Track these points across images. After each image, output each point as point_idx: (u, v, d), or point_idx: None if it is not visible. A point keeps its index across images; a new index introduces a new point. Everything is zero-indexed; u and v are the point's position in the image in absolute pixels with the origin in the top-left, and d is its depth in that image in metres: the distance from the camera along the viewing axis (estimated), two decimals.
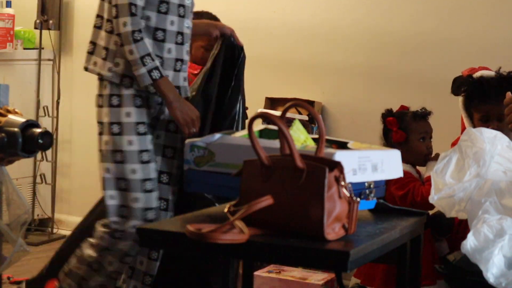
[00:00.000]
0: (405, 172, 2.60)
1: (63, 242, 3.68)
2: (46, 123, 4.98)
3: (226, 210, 2.00)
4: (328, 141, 2.31)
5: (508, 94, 2.56)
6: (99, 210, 3.37)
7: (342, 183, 1.89)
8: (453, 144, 3.09)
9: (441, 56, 4.05)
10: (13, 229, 2.60)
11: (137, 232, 2.05)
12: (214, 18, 3.70)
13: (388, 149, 2.28)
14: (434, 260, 3.20)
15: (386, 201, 2.45)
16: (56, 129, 5.06)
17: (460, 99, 3.26)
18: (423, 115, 3.41)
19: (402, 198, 3.21)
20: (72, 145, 5.23)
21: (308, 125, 3.84)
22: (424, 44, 4.10)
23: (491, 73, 3.24)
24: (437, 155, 3.30)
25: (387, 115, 3.41)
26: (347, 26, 4.28)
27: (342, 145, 2.30)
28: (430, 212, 2.51)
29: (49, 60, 5.15)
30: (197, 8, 3.08)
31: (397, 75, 4.17)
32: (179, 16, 2.96)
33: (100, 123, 2.98)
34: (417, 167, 3.42)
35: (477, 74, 3.24)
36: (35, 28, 5.02)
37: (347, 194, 1.90)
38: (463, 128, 3.29)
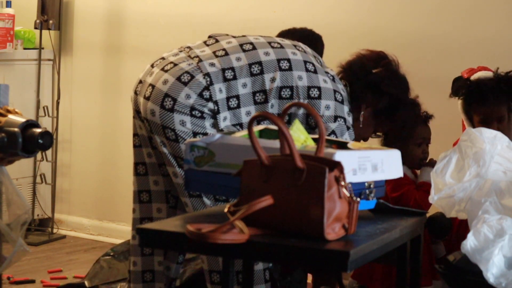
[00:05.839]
0: None
1: None
2: (46, 123, 4.99)
3: (226, 210, 2.00)
4: (328, 141, 2.30)
5: None
6: None
7: (342, 183, 1.89)
8: (455, 144, 3.09)
9: (442, 57, 4.05)
10: (13, 229, 2.59)
11: (137, 232, 2.05)
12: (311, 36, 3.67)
13: (388, 149, 2.28)
14: (430, 260, 3.19)
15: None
16: (56, 129, 5.06)
17: (459, 102, 3.25)
18: (424, 119, 3.39)
19: (395, 200, 3.21)
20: (72, 145, 5.23)
21: None
22: (427, 46, 4.10)
23: (489, 74, 3.23)
24: (431, 161, 3.30)
25: None
26: (349, 27, 4.27)
27: (342, 145, 2.29)
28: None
29: (49, 60, 5.15)
30: (196, 9, 3.07)
31: None
32: None
33: None
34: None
35: (475, 76, 3.23)
36: (35, 28, 5.02)
37: (347, 194, 1.90)
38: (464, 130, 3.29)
